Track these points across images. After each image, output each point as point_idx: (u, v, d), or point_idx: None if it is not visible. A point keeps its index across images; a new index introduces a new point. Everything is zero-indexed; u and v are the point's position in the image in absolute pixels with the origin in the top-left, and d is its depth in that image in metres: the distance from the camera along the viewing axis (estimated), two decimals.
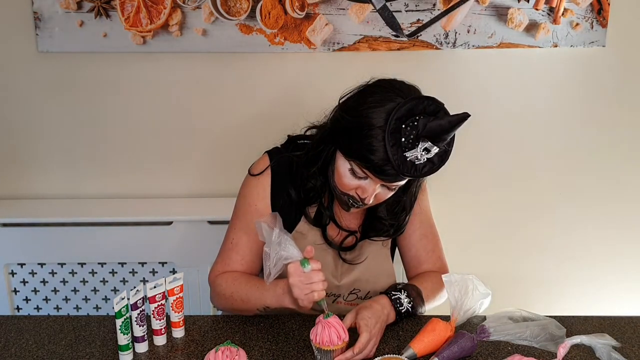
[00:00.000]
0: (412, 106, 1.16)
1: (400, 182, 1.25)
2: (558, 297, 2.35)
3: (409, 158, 1.16)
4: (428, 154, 1.16)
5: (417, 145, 1.15)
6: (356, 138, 1.19)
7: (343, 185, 1.28)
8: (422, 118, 1.16)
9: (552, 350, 1.22)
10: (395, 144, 1.15)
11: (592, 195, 2.26)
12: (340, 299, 1.42)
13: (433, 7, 2.04)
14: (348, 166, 1.25)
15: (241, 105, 2.15)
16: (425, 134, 1.15)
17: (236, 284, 1.36)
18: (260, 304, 1.32)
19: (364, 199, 1.26)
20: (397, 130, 1.15)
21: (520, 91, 2.17)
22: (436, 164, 1.20)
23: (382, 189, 1.27)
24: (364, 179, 1.24)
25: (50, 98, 2.14)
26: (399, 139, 1.15)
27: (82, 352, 1.24)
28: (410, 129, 1.15)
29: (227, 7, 2.03)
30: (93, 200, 2.19)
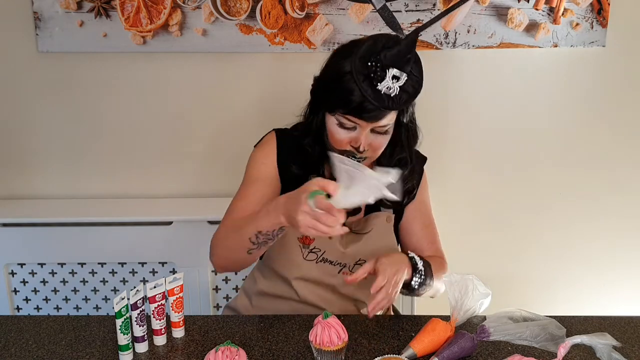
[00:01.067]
0: (371, 44, 1.24)
1: (384, 120, 1.27)
2: (558, 297, 2.35)
3: (383, 90, 1.22)
4: (398, 81, 1.23)
5: (386, 76, 1.22)
6: (333, 90, 1.27)
7: (337, 142, 1.32)
8: (384, 51, 1.23)
9: (552, 350, 1.22)
10: (365, 79, 1.22)
11: (593, 195, 2.26)
12: (346, 269, 1.43)
13: (433, 7, 2.04)
14: (335, 121, 1.30)
15: (241, 105, 2.16)
16: (389, 63, 1.22)
17: (231, 224, 1.34)
18: (253, 229, 1.24)
19: (359, 148, 1.29)
20: (363, 67, 1.22)
21: (520, 91, 2.17)
22: (411, 93, 1.26)
23: (373, 135, 1.30)
24: (353, 130, 1.29)
25: (50, 98, 2.14)
26: (367, 75, 1.22)
27: (82, 352, 1.24)
28: (375, 63, 1.22)
29: (227, 7, 2.03)
30: (93, 200, 2.19)
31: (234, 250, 1.32)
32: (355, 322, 1.34)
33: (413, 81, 1.25)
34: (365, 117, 1.25)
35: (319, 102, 1.35)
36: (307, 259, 1.40)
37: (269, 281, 1.47)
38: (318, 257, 1.40)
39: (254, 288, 1.50)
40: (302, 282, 1.42)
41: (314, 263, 1.40)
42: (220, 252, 1.35)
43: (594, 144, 2.22)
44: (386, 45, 1.23)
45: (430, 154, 2.26)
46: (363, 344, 1.26)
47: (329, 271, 1.41)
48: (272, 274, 1.46)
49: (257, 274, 1.51)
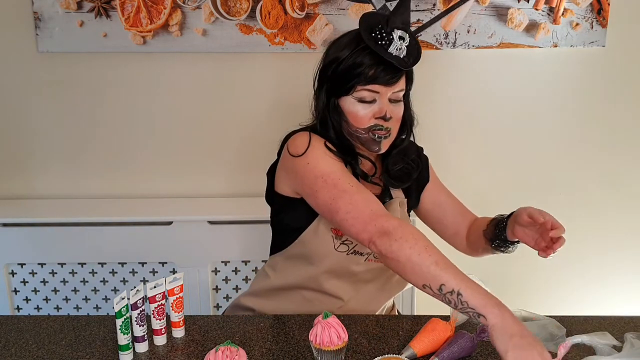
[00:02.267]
0: (371, 17, 1.34)
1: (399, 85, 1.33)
2: (558, 297, 2.35)
3: (394, 52, 1.29)
4: (404, 42, 1.31)
5: (393, 38, 1.29)
6: (345, 70, 1.32)
7: (360, 121, 1.34)
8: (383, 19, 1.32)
9: (552, 350, 1.22)
10: (376, 45, 1.29)
11: (592, 194, 2.26)
12: (371, 257, 1.41)
13: (433, 7, 2.04)
14: (353, 100, 1.33)
15: (241, 105, 2.16)
16: (392, 25, 1.30)
17: (430, 249, 1.15)
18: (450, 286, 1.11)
19: (384, 116, 1.33)
20: (371, 37, 1.30)
21: (520, 91, 2.17)
22: (417, 52, 1.34)
23: (392, 105, 1.34)
24: (373, 102, 1.33)
25: (50, 98, 2.14)
26: (377, 41, 1.30)
27: (82, 352, 1.24)
28: (380, 31, 1.30)
29: (227, 7, 2.03)
30: (93, 200, 2.19)
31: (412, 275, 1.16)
32: (355, 322, 1.34)
33: (413, 43, 1.33)
34: (385, 81, 1.30)
35: (330, 91, 1.36)
36: (338, 250, 1.38)
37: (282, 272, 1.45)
38: (349, 249, 1.38)
39: (265, 285, 1.48)
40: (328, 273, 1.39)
41: (345, 255, 1.39)
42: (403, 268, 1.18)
43: (593, 144, 2.22)
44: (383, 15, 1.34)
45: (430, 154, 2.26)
46: (363, 344, 1.26)
47: (356, 260, 1.40)
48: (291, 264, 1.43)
49: (269, 270, 1.48)
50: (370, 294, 1.47)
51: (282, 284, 1.45)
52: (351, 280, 1.43)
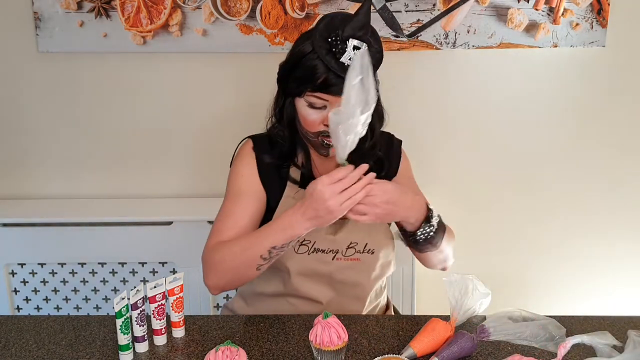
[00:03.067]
0: (329, 21, 1.29)
1: None
2: (558, 297, 2.35)
3: (346, 62, 1.25)
4: (359, 52, 1.25)
5: (347, 47, 1.26)
6: (298, 71, 1.30)
7: (310, 125, 1.33)
8: (342, 24, 1.27)
9: (552, 350, 1.22)
10: (328, 53, 1.26)
11: (592, 195, 2.26)
12: (339, 255, 1.41)
13: (433, 7, 2.04)
14: (305, 103, 1.32)
15: (241, 105, 2.16)
16: (347, 34, 1.26)
17: (232, 243, 1.33)
18: (265, 246, 1.27)
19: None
20: (324, 43, 1.27)
21: (520, 91, 2.17)
22: (373, 63, 1.27)
23: None
24: (323, 109, 1.31)
25: (50, 98, 2.14)
26: (329, 49, 1.26)
27: (82, 352, 1.24)
28: (335, 38, 1.26)
29: (227, 7, 2.03)
30: (93, 200, 2.19)
31: (240, 269, 1.32)
32: (355, 322, 1.34)
33: (373, 52, 1.28)
34: (332, 91, 1.27)
35: (286, 89, 1.36)
36: (298, 252, 1.39)
37: (266, 281, 1.46)
38: (309, 249, 1.40)
39: (250, 290, 1.50)
40: (298, 276, 1.41)
41: (307, 255, 1.40)
42: (222, 273, 1.34)
43: (593, 144, 2.22)
44: (344, 20, 1.28)
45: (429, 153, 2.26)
46: (363, 344, 1.26)
47: (322, 259, 1.40)
48: (268, 272, 1.45)
49: None
50: (350, 294, 1.46)
51: (264, 290, 1.46)
52: (325, 281, 1.43)
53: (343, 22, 1.27)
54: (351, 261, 1.42)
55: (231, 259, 1.31)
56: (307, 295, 1.43)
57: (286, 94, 1.37)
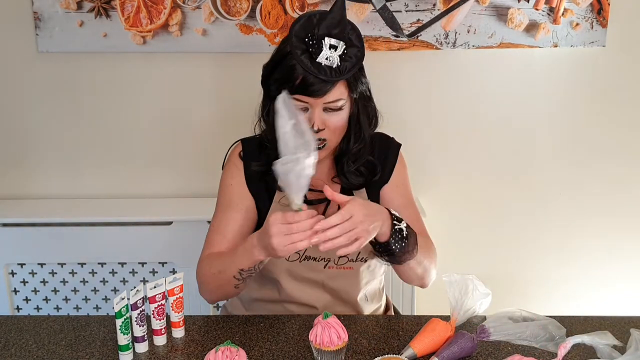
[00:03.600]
0: (305, 20, 1.26)
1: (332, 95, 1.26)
2: (558, 297, 2.35)
3: (323, 62, 1.23)
4: (337, 51, 1.24)
5: (323, 47, 1.23)
6: (278, 73, 1.29)
7: None
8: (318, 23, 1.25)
9: (552, 350, 1.22)
10: (303, 54, 1.24)
11: (592, 194, 2.26)
12: (332, 264, 1.40)
13: (433, 7, 2.04)
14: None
15: (241, 105, 2.15)
16: (322, 32, 1.23)
17: (212, 260, 1.35)
18: (235, 268, 1.27)
19: (313, 126, 1.27)
20: (300, 43, 1.24)
21: (520, 91, 2.17)
22: (353, 61, 1.26)
23: (327, 115, 1.29)
24: (305, 111, 1.28)
25: (50, 98, 2.14)
26: (305, 49, 1.24)
27: (82, 352, 1.24)
28: (311, 37, 1.24)
29: (227, 7, 2.03)
30: (93, 200, 2.19)
31: (221, 287, 1.34)
32: (355, 322, 1.34)
33: (354, 51, 1.26)
34: (311, 93, 1.24)
35: (268, 91, 1.34)
36: (290, 259, 1.39)
37: (261, 287, 1.46)
38: (301, 256, 1.39)
39: (247, 296, 1.49)
40: (291, 282, 1.41)
41: (298, 262, 1.39)
42: (210, 290, 1.38)
43: (593, 144, 2.22)
44: (319, 18, 1.25)
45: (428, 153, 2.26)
46: (363, 344, 1.26)
47: (314, 267, 1.40)
48: (262, 279, 1.45)
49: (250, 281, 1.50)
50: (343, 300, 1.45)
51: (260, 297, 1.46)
52: (319, 287, 1.42)
53: (319, 20, 1.25)
54: (343, 270, 1.41)
55: (212, 280, 1.35)
56: (301, 301, 1.43)
57: (269, 96, 1.34)
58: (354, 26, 1.28)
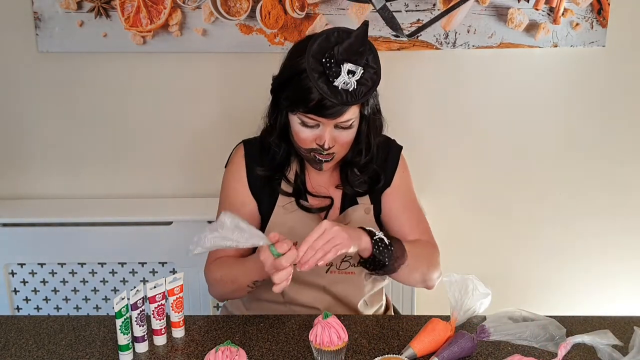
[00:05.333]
0: (324, 40, 1.23)
1: (346, 116, 1.26)
2: (558, 297, 2.35)
3: (340, 86, 1.21)
4: (354, 76, 1.21)
5: (341, 71, 1.20)
6: (291, 89, 1.26)
7: (302, 141, 1.31)
8: (336, 46, 1.21)
9: (552, 350, 1.22)
10: (320, 77, 1.21)
11: (592, 194, 2.26)
12: (334, 268, 1.41)
13: (433, 7, 2.04)
14: (298, 120, 1.29)
15: (241, 105, 2.15)
16: (342, 57, 1.20)
17: (224, 267, 1.38)
18: (249, 279, 1.32)
19: (323, 145, 1.28)
20: (318, 65, 1.21)
21: (520, 91, 2.17)
22: (370, 85, 1.24)
23: (338, 131, 1.29)
24: (316, 127, 1.28)
25: (51, 98, 2.14)
26: (322, 72, 1.21)
27: (82, 352, 1.24)
28: (329, 59, 1.21)
29: (227, 7, 2.03)
30: (93, 200, 2.19)
31: (235, 292, 1.39)
32: (355, 322, 1.34)
33: (370, 73, 1.24)
34: (326, 115, 1.24)
35: (279, 101, 1.33)
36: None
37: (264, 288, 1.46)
38: None
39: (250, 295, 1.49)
40: (294, 285, 1.40)
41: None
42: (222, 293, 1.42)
43: (593, 144, 2.22)
44: (338, 40, 1.22)
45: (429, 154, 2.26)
46: (363, 344, 1.26)
47: (316, 272, 1.39)
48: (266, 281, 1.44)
49: None
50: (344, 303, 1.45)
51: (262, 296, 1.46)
52: (322, 290, 1.43)
53: (338, 42, 1.21)
54: (345, 274, 1.41)
55: (225, 286, 1.38)
56: (304, 303, 1.43)
57: (279, 107, 1.34)
58: (372, 46, 1.26)
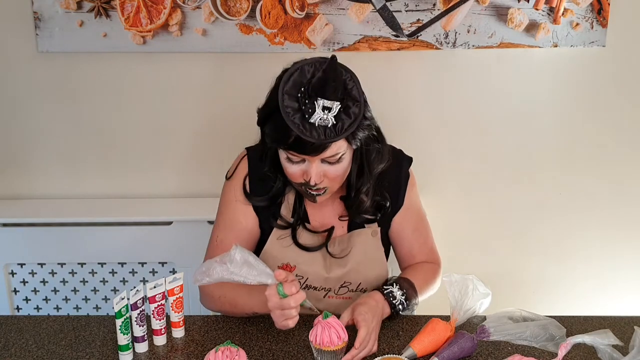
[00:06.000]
0: (298, 74, 1.18)
1: (330, 151, 1.20)
2: (558, 297, 2.35)
3: (317, 123, 1.15)
4: (331, 112, 1.15)
5: (316, 108, 1.15)
6: (271, 125, 1.22)
7: (292, 176, 1.28)
8: (310, 81, 1.16)
9: (552, 350, 1.22)
10: (295, 113, 1.16)
11: (593, 195, 2.26)
12: (332, 293, 1.41)
13: (433, 7, 2.04)
14: (284, 155, 1.25)
15: (241, 105, 2.15)
16: (315, 93, 1.15)
17: (226, 287, 1.33)
18: (249, 309, 1.31)
19: (309, 181, 1.24)
20: (293, 101, 1.16)
21: (520, 91, 2.17)
22: (351, 120, 1.18)
23: (326, 166, 1.24)
24: (302, 162, 1.24)
25: (50, 98, 2.14)
26: (298, 109, 1.16)
27: (82, 352, 1.24)
28: (303, 95, 1.16)
29: (227, 7, 2.03)
30: (93, 200, 2.19)
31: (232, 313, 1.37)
32: None
33: (351, 107, 1.17)
34: (306, 152, 1.19)
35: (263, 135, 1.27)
36: None
37: None
38: (302, 284, 1.38)
39: None
40: None
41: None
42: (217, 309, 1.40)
43: (593, 144, 2.22)
44: (312, 75, 1.17)
45: (429, 154, 2.26)
46: None
47: (314, 296, 1.40)
48: None
49: None
50: None
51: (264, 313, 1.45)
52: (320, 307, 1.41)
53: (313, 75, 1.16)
54: (343, 299, 1.41)
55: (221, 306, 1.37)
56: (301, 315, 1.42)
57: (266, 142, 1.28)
58: (352, 76, 1.20)
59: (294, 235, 1.38)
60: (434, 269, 1.46)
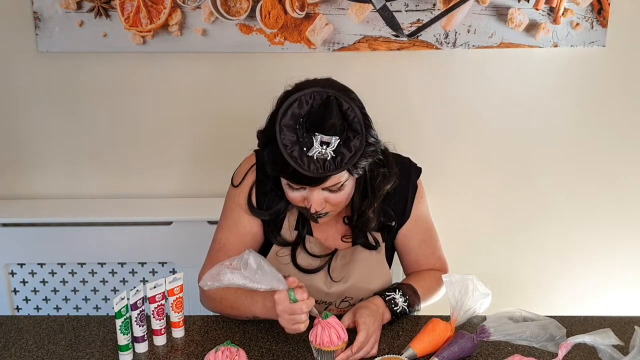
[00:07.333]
0: (296, 107, 1.14)
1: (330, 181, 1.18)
2: (558, 297, 2.35)
3: (316, 156, 1.12)
4: (329, 147, 1.12)
5: (314, 142, 1.12)
6: (270, 153, 1.19)
7: (293, 201, 1.26)
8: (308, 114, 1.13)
9: (552, 350, 1.22)
10: (293, 145, 1.13)
11: (593, 195, 2.26)
12: (332, 307, 1.40)
13: (433, 7, 2.04)
14: (284, 181, 1.23)
15: (241, 105, 2.15)
16: (312, 128, 1.12)
17: (227, 289, 1.32)
18: (250, 313, 1.30)
19: (310, 209, 1.22)
20: (291, 133, 1.13)
21: (520, 91, 2.17)
22: (351, 154, 1.14)
23: (327, 193, 1.22)
24: (302, 189, 1.22)
25: (50, 98, 2.14)
26: (296, 141, 1.13)
27: (82, 352, 1.24)
28: (301, 128, 1.13)
29: (227, 7, 2.03)
30: (93, 200, 2.19)
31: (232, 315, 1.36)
32: None
33: (351, 139, 1.14)
34: (306, 183, 1.17)
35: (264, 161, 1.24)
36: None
37: None
38: None
39: None
40: None
41: None
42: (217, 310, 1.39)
43: (594, 144, 2.22)
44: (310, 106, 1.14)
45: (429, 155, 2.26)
46: None
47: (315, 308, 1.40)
48: None
49: None
50: None
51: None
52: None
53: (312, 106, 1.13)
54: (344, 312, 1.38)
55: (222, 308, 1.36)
56: None
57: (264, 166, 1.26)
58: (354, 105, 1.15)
59: (293, 255, 1.36)
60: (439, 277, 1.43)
